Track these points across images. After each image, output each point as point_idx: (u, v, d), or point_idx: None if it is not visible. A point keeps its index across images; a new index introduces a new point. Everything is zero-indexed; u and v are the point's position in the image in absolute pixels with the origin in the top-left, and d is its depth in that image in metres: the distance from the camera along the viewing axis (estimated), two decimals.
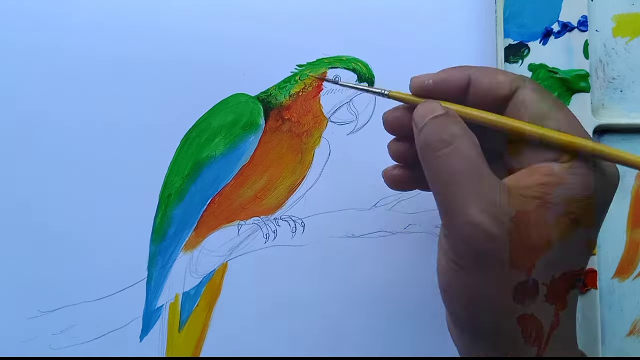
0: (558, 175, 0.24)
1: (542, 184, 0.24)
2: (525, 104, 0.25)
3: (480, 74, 0.26)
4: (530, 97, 0.25)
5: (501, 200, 0.24)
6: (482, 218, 0.23)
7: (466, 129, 0.25)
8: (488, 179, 0.24)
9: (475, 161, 0.24)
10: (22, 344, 0.34)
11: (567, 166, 0.24)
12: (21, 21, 0.35)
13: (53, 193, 0.35)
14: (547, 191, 0.24)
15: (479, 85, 0.26)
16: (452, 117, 0.26)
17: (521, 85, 0.26)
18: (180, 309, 0.34)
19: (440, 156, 0.25)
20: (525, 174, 0.25)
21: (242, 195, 0.35)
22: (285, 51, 0.36)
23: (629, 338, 0.36)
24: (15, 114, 0.35)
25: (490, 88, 0.26)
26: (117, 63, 0.35)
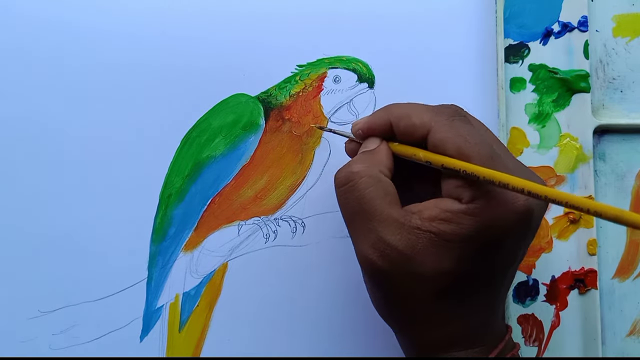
0: (454, 213, 0.25)
1: (440, 219, 0.25)
2: (436, 146, 0.27)
3: (398, 118, 0.28)
4: (439, 139, 0.26)
5: (389, 238, 0.26)
6: (370, 253, 0.26)
7: (371, 167, 0.28)
8: (380, 216, 0.26)
9: (369, 199, 0.27)
10: (22, 344, 0.34)
11: (464, 206, 0.25)
12: (24, 22, 0.35)
13: (53, 193, 0.35)
14: (441, 228, 0.25)
15: (397, 128, 0.28)
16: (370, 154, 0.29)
17: (432, 127, 0.27)
18: (180, 309, 0.34)
19: (340, 193, 0.28)
20: (430, 205, 0.26)
21: (242, 195, 0.35)
22: (285, 51, 0.36)
23: (629, 338, 0.36)
24: (15, 114, 0.35)
25: (407, 131, 0.28)
26: (117, 63, 0.35)
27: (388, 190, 0.27)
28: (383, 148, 0.29)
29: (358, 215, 0.27)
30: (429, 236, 0.25)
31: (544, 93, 0.37)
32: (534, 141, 0.36)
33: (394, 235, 0.26)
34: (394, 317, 0.28)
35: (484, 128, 0.28)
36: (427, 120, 0.27)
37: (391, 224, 0.26)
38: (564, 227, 0.36)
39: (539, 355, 0.35)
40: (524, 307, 0.35)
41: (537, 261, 0.36)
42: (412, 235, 0.25)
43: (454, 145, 0.26)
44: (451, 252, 0.25)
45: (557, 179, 0.36)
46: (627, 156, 0.37)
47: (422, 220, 0.26)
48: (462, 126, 0.27)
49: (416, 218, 0.26)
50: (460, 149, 0.26)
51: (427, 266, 0.25)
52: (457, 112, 0.28)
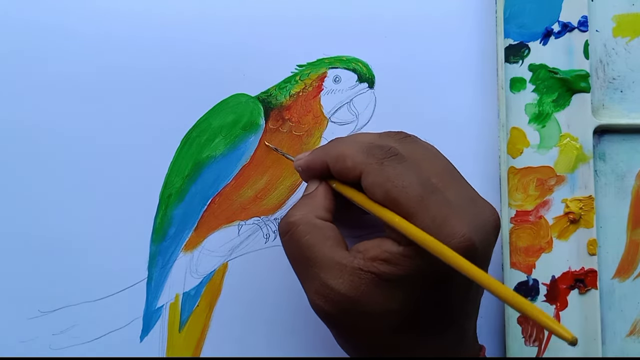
0: (393, 254, 0.25)
1: (380, 259, 0.25)
2: (367, 190, 0.26)
3: (334, 160, 0.28)
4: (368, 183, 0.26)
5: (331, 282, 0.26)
6: (317, 299, 0.26)
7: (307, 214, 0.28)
8: (321, 262, 0.26)
9: (308, 247, 0.27)
10: (22, 344, 0.34)
11: (402, 249, 0.25)
12: (23, 25, 0.35)
13: (53, 193, 0.35)
14: (382, 269, 0.25)
15: (334, 170, 0.28)
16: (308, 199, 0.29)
17: (363, 170, 0.27)
18: (180, 309, 0.34)
19: (283, 243, 0.28)
20: (373, 245, 0.26)
21: (242, 195, 0.35)
22: (286, 51, 0.36)
23: (629, 338, 0.36)
24: (15, 115, 0.35)
25: (342, 174, 0.28)
26: (117, 64, 0.35)
27: (327, 235, 0.27)
28: (320, 190, 0.29)
29: (300, 263, 0.27)
30: (370, 277, 0.25)
31: (544, 93, 0.37)
32: (534, 141, 0.36)
33: (336, 279, 0.26)
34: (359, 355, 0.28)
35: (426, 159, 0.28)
36: (359, 162, 0.27)
37: (332, 268, 0.26)
38: (564, 227, 0.36)
39: (539, 355, 0.35)
40: None
41: (537, 261, 0.36)
42: (355, 277, 0.25)
43: (381, 189, 0.26)
44: (394, 292, 0.25)
45: (557, 179, 0.36)
46: (627, 156, 0.37)
47: (365, 260, 0.25)
48: (392, 168, 0.26)
49: (360, 258, 0.26)
50: (387, 194, 0.26)
51: (374, 306, 0.25)
52: (390, 151, 0.27)
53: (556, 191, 0.36)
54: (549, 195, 0.36)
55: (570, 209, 0.36)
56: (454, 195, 0.26)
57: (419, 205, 0.25)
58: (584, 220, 0.36)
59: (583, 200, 0.36)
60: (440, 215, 0.25)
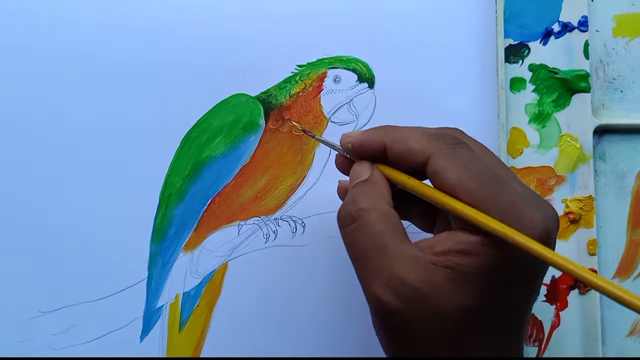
0: (470, 244, 0.24)
1: (455, 251, 0.24)
2: (436, 174, 0.25)
3: (394, 141, 0.26)
4: (440, 167, 0.25)
5: (404, 274, 0.24)
6: (383, 292, 0.24)
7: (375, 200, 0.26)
8: (393, 252, 0.24)
9: (379, 236, 0.25)
10: (22, 344, 0.34)
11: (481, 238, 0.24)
12: (21, 22, 0.35)
13: (53, 193, 0.35)
14: (458, 261, 0.24)
15: (392, 152, 0.26)
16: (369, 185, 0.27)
17: (432, 154, 0.25)
18: (180, 309, 0.34)
19: (347, 232, 0.26)
20: (442, 238, 0.25)
21: (242, 195, 0.35)
22: (285, 51, 0.36)
23: (629, 338, 0.36)
24: (14, 114, 0.35)
25: (403, 156, 0.26)
26: (117, 63, 0.35)
27: (396, 225, 0.25)
28: (379, 176, 0.27)
29: (368, 254, 0.25)
30: (445, 271, 0.24)
31: (544, 93, 0.37)
32: (534, 141, 0.36)
33: (409, 272, 0.24)
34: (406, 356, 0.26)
35: (487, 153, 0.27)
36: (427, 147, 0.25)
37: (405, 261, 0.24)
38: (564, 227, 0.36)
39: (539, 355, 0.35)
40: None
41: None
42: (428, 272, 0.24)
43: (456, 175, 0.24)
44: (471, 286, 0.24)
45: (557, 179, 0.36)
46: (627, 156, 0.37)
47: (436, 255, 0.24)
48: (465, 154, 0.25)
49: (429, 254, 0.24)
50: (461, 179, 0.24)
51: (447, 303, 0.24)
52: (457, 138, 0.26)
53: (556, 191, 0.36)
54: (549, 195, 0.36)
55: (570, 209, 0.36)
56: (519, 188, 0.25)
57: (496, 191, 0.24)
58: (584, 220, 0.36)
59: (583, 200, 0.36)
60: (519, 202, 0.24)
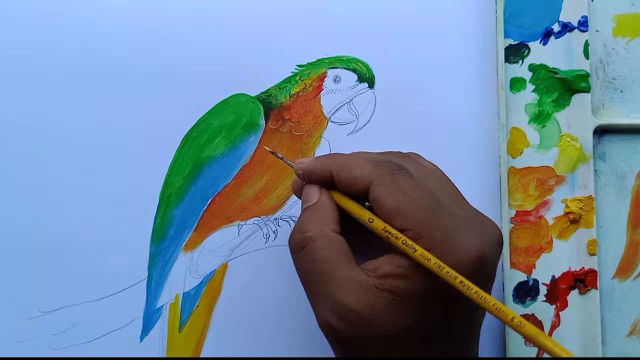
0: (406, 268, 0.25)
1: (393, 275, 0.25)
2: (375, 200, 0.26)
3: (340, 169, 0.28)
4: (378, 193, 0.26)
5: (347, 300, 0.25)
6: (330, 317, 0.25)
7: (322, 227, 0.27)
8: (338, 278, 0.25)
9: (325, 262, 0.26)
10: (22, 344, 0.34)
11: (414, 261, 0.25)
12: (21, 22, 0.35)
13: (53, 193, 0.35)
14: (396, 285, 0.25)
15: (338, 179, 0.28)
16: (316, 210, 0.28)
17: (373, 181, 0.26)
18: (180, 309, 0.34)
19: (296, 259, 0.27)
20: (384, 261, 0.26)
21: (242, 195, 0.35)
22: (286, 51, 0.36)
23: (629, 338, 0.36)
24: (15, 115, 0.35)
25: (348, 184, 0.27)
26: (117, 63, 0.35)
27: (342, 250, 0.26)
28: (326, 201, 0.28)
29: (315, 280, 0.26)
30: (386, 294, 0.25)
31: (544, 93, 0.37)
32: (534, 141, 0.36)
33: (351, 298, 0.25)
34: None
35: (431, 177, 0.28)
36: (368, 174, 0.27)
37: (348, 286, 0.25)
38: (564, 227, 0.36)
39: (539, 356, 0.35)
40: (524, 307, 0.35)
41: (537, 261, 0.36)
42: (371, 295, 0.25)
43: (392, 200, 0.25)
44: (411, 308, 0.25)
45: (557, 179, 0.36)
46: (627, 156, 0.37)
47: (379, 277, 0.25)
48: (403, 179, 0.26)
49: (372, 276, 0.25)
50: (397, 205, 0.25)
51: (389, 326, 0.25)
52: (398, 165, 0.27)
53: (556, 191, 0.36)
54: (549, 195, 0.36)
55: (570, 209, 0.36)
56: (460, 211, 0.26)
57: (430, 217, 0.25)
58: (584, 220, 0.36)
59: (583, 200, 0.36)
60: (452, 228, 0.25)
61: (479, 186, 0.36)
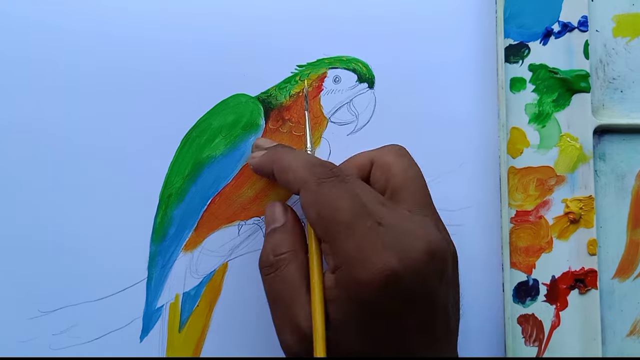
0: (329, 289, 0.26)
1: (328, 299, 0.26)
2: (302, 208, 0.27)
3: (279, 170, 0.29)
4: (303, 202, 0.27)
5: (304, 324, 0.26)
6: (289, 339, 0.26)
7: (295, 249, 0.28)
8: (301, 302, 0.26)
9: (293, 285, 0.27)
10: (22, 344, 0.34)
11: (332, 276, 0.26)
12: (22, 23, 0.35)
13: (53, 193, 0.35)
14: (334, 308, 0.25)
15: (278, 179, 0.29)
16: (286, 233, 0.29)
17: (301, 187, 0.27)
18: (180, 309, 0.34)
19: (266, 279, 0.28)
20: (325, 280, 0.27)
21: (242, 195, 0.35)
22: (285, 51, 0.36)
23: (629, 338, 0.36)
24: (15, 115, 0.35)
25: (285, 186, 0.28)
26: (117, 64, 0.35)
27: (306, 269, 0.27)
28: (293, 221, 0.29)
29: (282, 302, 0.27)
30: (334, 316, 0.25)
31: (544, 93, 0.37)
32: (534, 141, 0.36)
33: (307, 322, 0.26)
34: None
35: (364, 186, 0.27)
36: (299, 178, 0.27)
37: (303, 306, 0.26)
38: (564, 227, 0.36)
39: (539, 355, 0.35)
40: (524, 307, 0.35)
41: (537, 261, 0.36)
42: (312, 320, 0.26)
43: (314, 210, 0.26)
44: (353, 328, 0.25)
45: (557, 179, 0.36)
46: (627, 156, 0.37)
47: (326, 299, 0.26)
48: (328, 189, 0.26)
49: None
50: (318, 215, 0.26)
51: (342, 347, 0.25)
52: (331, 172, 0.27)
53: (556, 191, 0.36)
54: (549, 195, 0.36)
55: (570, 209, 0.36)
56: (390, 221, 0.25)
57: (345, 231, 0.25)
58: (584, 220, 0.36)
59: (583, 200, 0.36)
60: (366, 243, 0.24)
61: (479, 186, 0.36)
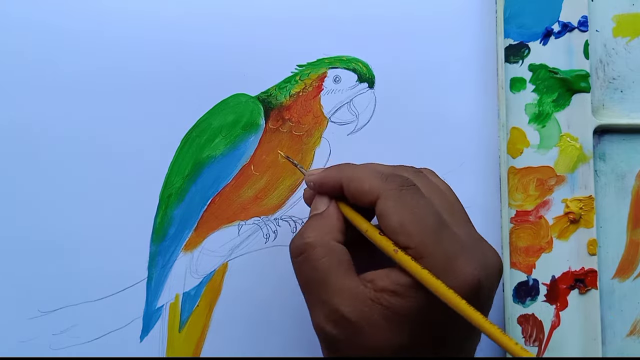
0: (403, 286, 0.25)
1: (389, 291, 0.25)
2: (381, 216, 0.26)
3: (350, 180, 0.28)
4: (384, 209, 0.26)
5: (342, 309, 0.25)
6: (325, 324, 0.26)
7: (323, 235, 0.27)
8: (335, 286, 0.26)
9: (323, 270, 0.26)
10: (22, 344, 0.34)
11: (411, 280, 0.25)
12: (22, 22, 0.35)
13: (53, 193, 0.35)
14: (391, 301, 0.25)
15: (348, 191, 0.28)
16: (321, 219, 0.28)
17: (380, 195, 0.26)
18: (180, 309, 0.34)
19: (295, 263, 0.28)
20: (382, 275, 0.26)
21: (242, 195, 0.35)
22: (286, 51, 0.36)
23: (629, 338, 0.36)
24: (15, 115, 0.35)
25: (356, 196, 0.27)
26: (117, 64, 0.35)
27: (342, 259, 0.27)
28: (333, 211, 0.28)
29: (313, 286, 0.27)
30: (380, 309, 0.25)
31: (544, 93, 0.37)
32: (534, 141, 0.36)
33: (347, 307, 0.25)
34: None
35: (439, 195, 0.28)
36: (376, 187, 0.27)
37: (345, 295, 0.25)
38: (564, 227, 0.36)
39: (539, 355, 0.35)
40: (524, 307, 0.35)
41: (537, 261, 0.36)
42: (366, 307, 0.25)
43: (398, 217, 0.26)
44: (402, 325, 0.25)
45: (557, 179, 0.36)
46: (627, 156, 0.37)
47: (375, 291, 0.25)
48: (410, 197, 0.26)
49: (370, 288, 0.25)
50: (402, 222, 0.25)
51: (378, 339, 0.25)
52: (408, 181, 0.27)
53: (556, 191, 0.36)
54: (549, 195, 0.36)
55: (570, 209, 0.36)
56: (463, 234, 0.26)
57: (433, 238, 0.25)
58: (584, 220, 0.36)
59: (583, 200, 0.36)
60: (453, 251, 0.25)
61: (479, 186, 0.36)
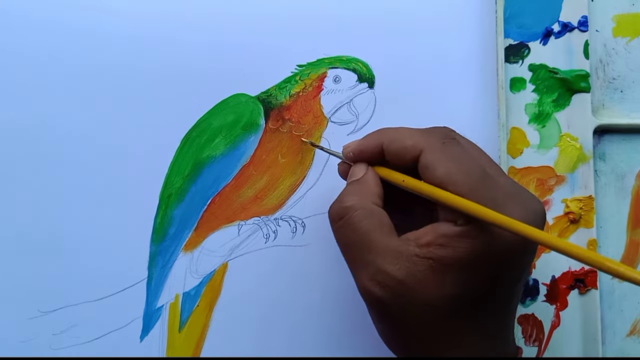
0: (450, 236, 0.25)
1: (436, 244, 0.25)
2: (427, 168, 0.26)
3: (390, 141, 0.28)
4: (430, 160, 0.26)
5: (388, 268, 0.26)
6: (371, 285, 0.26)
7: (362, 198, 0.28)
8: (378, 247, 0.26)
9: (364, 232, 0.27)
10: (22, 344, 0.34)
11: (459, 229, 0.25)
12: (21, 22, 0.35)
13: (53, 193, 0.35)
14: (439, 252, 0.25)
15: (389, 150, 0.28)
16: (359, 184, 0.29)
17: (424, 149, 0.27)
18: (180, 309, 0.34)
19: (336, 228, 0.28)
20: (427, 231, 0.26)
21: (242, 195, 0.35)
22: (286, 51, 0.36)
23: (629, 338, 0.36)
24: (15, 115, 0.35)
25: (399, 154, 0.28)
26: (117, 64, 0.35)
27: (382, 221, 0.27)
28: (371, 176, 0.29)
29: (355, 249, 0.27)
30: (427, 263, 0.25)
31: (544, 93, 0.37)
32: (534, 141, 0.36)
33: (392, 265, 0.25)
34: (402, 346, 0.28)
35: (475, 148, 0.28)
36: (418, 142, 0.27)
37: (389, 254, 0.26)
38: (564, 227, 0.36)
39: (539, 355, 0.35)
40: (524, 307, 0.35)
41: (537, 261, 0.36)
42: (411, 264, 0.25)
43: (444, 167, 0.26)
44: (451, 276, 0.25)
45: (557, 179, 0.36)
46: (627, 156, 0.37)
47: (420, 247, 0.25)
48: (453, 148, 0.27)
49: (413, 245, 0.26)
50: (449, 172, 0.26)
51: (429, 293, 0.25)
52: (448, 134, 0.28)
53: (556, 191, 0.36)
54: (549, 195, 0.36)
55: (570, 209, 0.36)
56: (505, 184, 0.27)
57: (480, 185, 0.25)
58: (584, 220, 0.36)
59: (583, 200, 0.36)
60: (499, 197, 0.25)
61: None
